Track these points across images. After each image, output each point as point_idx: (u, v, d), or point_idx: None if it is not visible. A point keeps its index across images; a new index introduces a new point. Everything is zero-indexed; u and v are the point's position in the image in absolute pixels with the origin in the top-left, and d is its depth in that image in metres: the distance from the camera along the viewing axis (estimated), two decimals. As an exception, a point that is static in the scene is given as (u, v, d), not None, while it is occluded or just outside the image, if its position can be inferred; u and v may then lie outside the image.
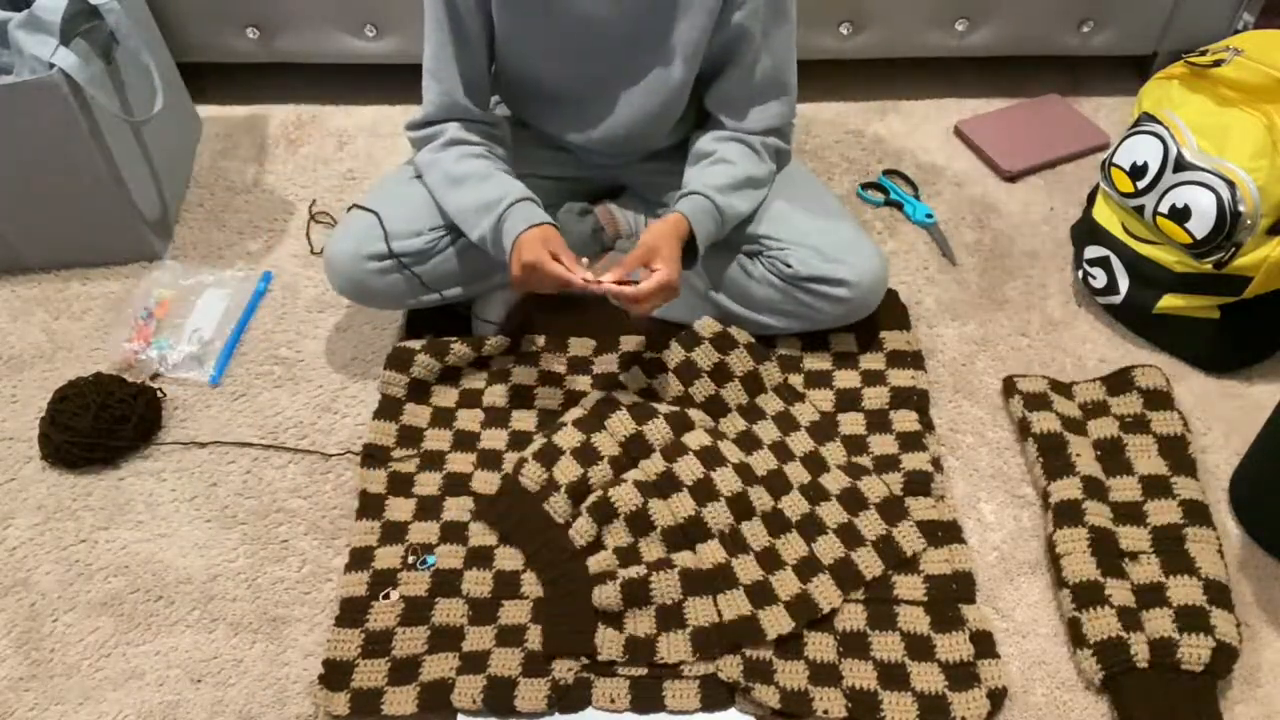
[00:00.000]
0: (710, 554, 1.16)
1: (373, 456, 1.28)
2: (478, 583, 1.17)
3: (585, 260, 1.21)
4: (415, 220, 1.30)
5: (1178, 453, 1.24)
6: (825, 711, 1.06)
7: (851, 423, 1.31)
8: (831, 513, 1.19)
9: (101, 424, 1.27)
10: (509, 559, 1.19)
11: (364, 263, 1.28)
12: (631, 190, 1.48)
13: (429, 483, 1.26)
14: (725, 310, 1.36)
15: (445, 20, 1.23)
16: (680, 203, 1.24)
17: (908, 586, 1.15)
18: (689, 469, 1.20)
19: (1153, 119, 1.32)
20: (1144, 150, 1.31)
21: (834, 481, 1.23)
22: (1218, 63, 1.26)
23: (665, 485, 1.19)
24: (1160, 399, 1.29)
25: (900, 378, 1.34)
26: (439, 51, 1.26)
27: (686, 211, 1.23)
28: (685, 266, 1.24)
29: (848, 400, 1.33)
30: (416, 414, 1.33)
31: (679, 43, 1.23)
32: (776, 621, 1.11)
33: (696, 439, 1.23)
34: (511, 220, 1.21)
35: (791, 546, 1.17)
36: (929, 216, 1.59)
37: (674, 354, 1.31)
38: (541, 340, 1.38)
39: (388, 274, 1.29)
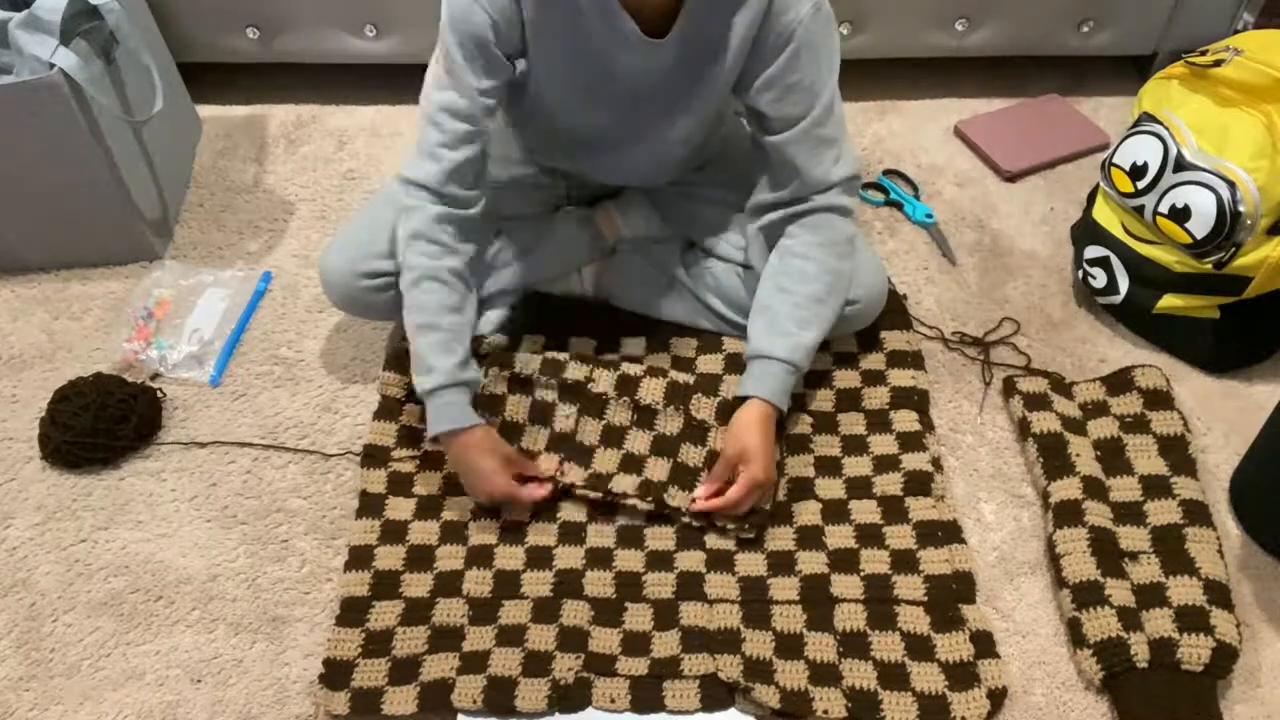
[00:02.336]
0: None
1: (373, 456, 1.28)
2: (478, 583, 1.17)
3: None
4: None
5: (1178, 453, 1.24)
6: (825, 711, 1.06)
7: (851, 423, 1.31)
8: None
9: (101, 424, 1.27)
10: (509, 559, 1.19)
11: (359, 280, 1.28)
12: (633, 190, 1.48)
13: (429, 483, 1.26)
14: (727, 321, 1.36)
15: (465, 67, 1.13)
16: (753, 380, 1.21)
17: (908, 586, 1.15)
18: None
19: (1153, 119, 1.32)
20: (1144, 150, 1.31)
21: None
22: (1218, 63, 1.26)
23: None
24: (1160, 399, 1.29)
25: (900, 378, 1.34)
26: (454, 98, 1.15)
27: (766, 395, 1.19)
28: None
29: (848, 400, 1.33)
30: (416, 414, 1.32)
31: (708, 89, 1.21)
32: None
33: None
34: (438, 412, 1.18)
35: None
36: (929, 216, 1.58)
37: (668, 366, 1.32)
38: (541, 340, 1.38)
39: (384, 291, 1.29)
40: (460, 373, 1.18)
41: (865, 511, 1.22)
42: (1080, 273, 1.45)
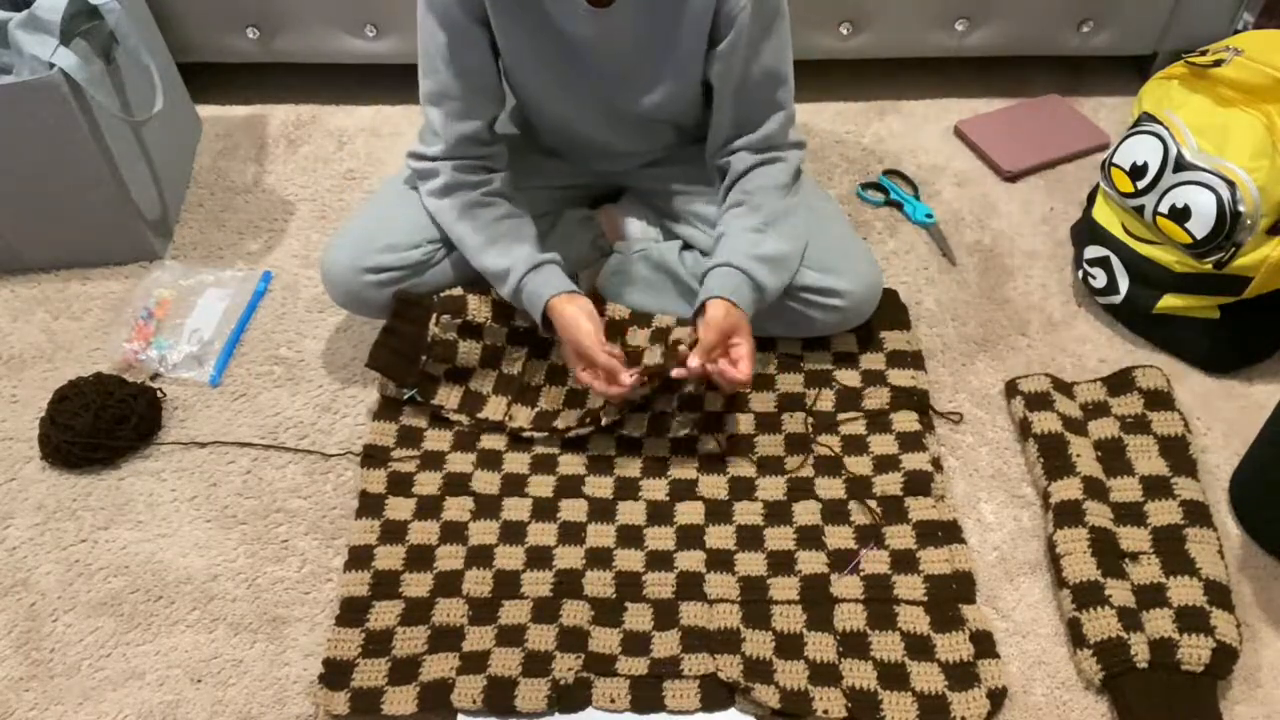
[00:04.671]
0: None
1: (373, 456, 1.28)
2: (478, 583, 1.17)
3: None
4: (412, 233, 1.29)
5: (1178, 453, 1.24)
6: (825, 711, 1.06)
7: (851, 423, 1.31)
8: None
9: (101, 424, 1.27)
10: (509, 559, 1.19)
11: (361, 275, 1.28)
12: (633, 192, 1.48)
13: (429, 483, 1.26)
14: None
15: (446, 47, 1.19)
16: (712, 282, 1.21)
17: (908, 586, 1.15)
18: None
19: (1153, 119, 1.32)
20: (1144, 150, 1.31)
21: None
22: (1218, 63, 1.26)
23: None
24: (1161, 399, 1.29)
25: (900, 378, 1.34)
26: (445, 81, 1.21)
27: (723, 294, 1.19)
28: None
29: (848, 400, 1.33)
30: (416, 414, 1.33)
31: (671, 60, 1.21)
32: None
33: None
34: (531, 290, 1.22)
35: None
36: (929, 216, 1.58)
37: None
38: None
39: (385, 287, 1.29)
40: (534, 257, 1.22)
41: (865, 512, 1.22)
42: (1080, 273, 1.45)
